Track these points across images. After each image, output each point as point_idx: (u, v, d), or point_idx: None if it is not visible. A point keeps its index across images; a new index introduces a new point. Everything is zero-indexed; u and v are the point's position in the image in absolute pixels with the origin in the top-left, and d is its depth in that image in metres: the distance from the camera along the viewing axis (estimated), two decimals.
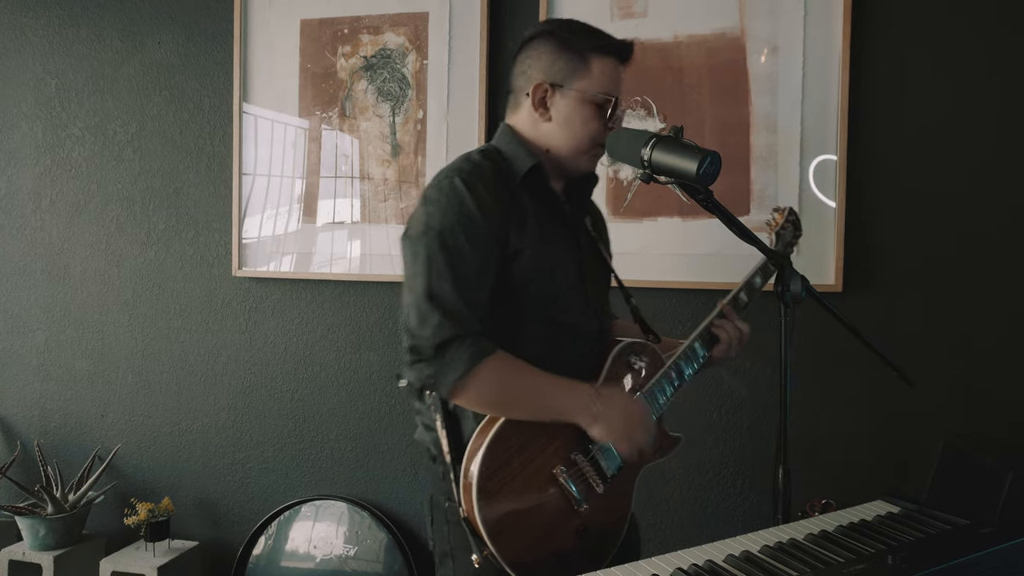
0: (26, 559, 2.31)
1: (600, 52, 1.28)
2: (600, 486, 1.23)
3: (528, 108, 1.31)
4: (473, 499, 1.15)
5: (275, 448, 2.42)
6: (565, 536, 1.21)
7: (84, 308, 2.59)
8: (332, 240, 2.33)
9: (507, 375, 1.19)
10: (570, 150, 1.30)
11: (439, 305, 1.15)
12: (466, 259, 1.17)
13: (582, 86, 1.27)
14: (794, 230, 1.64)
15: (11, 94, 2.65)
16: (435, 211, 1.20)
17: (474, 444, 1.20)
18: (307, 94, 2.34)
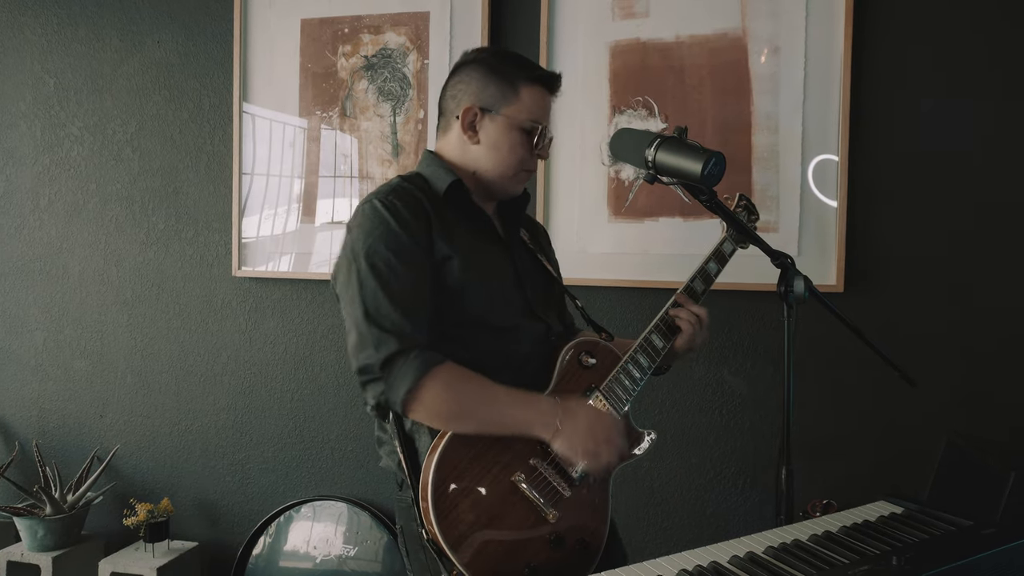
0: (24, 560, 2.30)
1: (529, 81, 1.31)
2: (567, 490, 1.20)
3: (457, 131, 1.33)
4: (432, 518, 1.11)
5: (275, 448, 2.42)
6: (536, 547, 1.17)
7: (83, 308, 2.59)
8: (332, 240, 2.32)
9: (458, 384, 1.17)
10: (497, 174, 1.33)
11: (379, 323, 1.15)
12: (397, 274, 1.18)
13: (510, 112, 1.30)
14: (748, 215, 1.64)
15: (9, 93, 2.64)
16: (359, 235, 1.22)
17: (427, 462, 1.16)
18: (307, 94, 2.33)
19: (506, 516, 1.15)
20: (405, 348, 1.14)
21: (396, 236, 1.20)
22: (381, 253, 1.19)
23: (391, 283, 1.17)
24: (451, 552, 1.10)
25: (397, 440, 1.22)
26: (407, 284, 1.18)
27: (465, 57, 1.36)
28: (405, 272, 1.19)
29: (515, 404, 1.19)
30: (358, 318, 1.17)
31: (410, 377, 1.13)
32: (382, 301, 1.16)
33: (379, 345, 1.14)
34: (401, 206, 1.23)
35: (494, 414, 1.18)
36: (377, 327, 1.15)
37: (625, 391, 1.32)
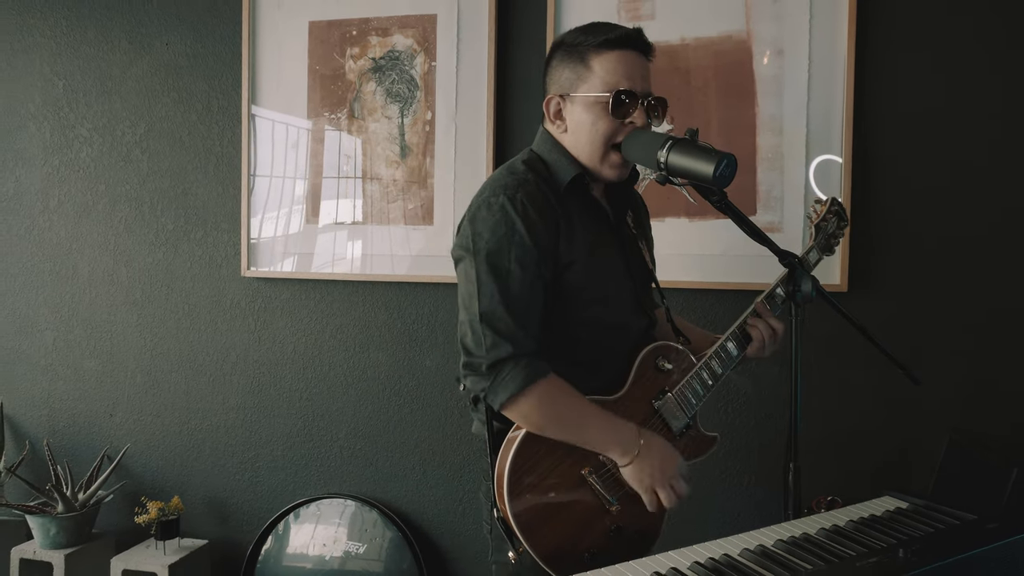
0: (37, 557, 2.32)
1: (600, 48, 1.27)
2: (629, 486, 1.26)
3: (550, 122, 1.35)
4: (504, 499, 1.19)
5: (284, 447, 2.44)
6: (597, 535, 1.23)
7: (92, 308, 2.61)
8: (340, 240, 2.34)
9: (557, 399, 1.22)
10: (587, 156, 1.31)
11: (493, 326, 1.19)
12: (516, 282, 1.21)
13: (585, 89, 1.28)
14: (838, 221, 1.59)
15: (19, 95, 2.66)
16: (484, 231, 1.23)
17: (506, 447, 1.24)
18: (315, 95, 2.35)
19: (572, 505, 1.22)
20: (515, 355, 1.18)
21: (521, 241, 1.21)
22: (504, 256, 1.21)
23: (510, 288, 1.20)
24: (520, 533, 1.17)
25: (486, 416, 1.27)
26: (525, 290, 1.21)
27: (552, 45, 1.37)
28: (525, 278, 1.21)
29: (601, 427, 1.23)
30: (473, 314, 1.21)
31: (514, 385, 1.18)
32: (498, 305, 1.19)
33: (491, 347, 1.18)
34: (531, 208, 1.23)
35: (580, 432, 1.23)
36: (492, 329, 1.19)
37: (696, 396, 1.36)
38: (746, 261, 2.08)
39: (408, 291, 2.33)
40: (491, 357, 1.18)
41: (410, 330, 2.34)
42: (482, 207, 1.26)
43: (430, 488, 2.34)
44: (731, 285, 2.08)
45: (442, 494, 2.33)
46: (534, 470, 1.21)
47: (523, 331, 1.20)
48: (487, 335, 1.19)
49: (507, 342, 1.18)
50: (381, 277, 2.32)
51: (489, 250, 1.22)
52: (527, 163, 1.33)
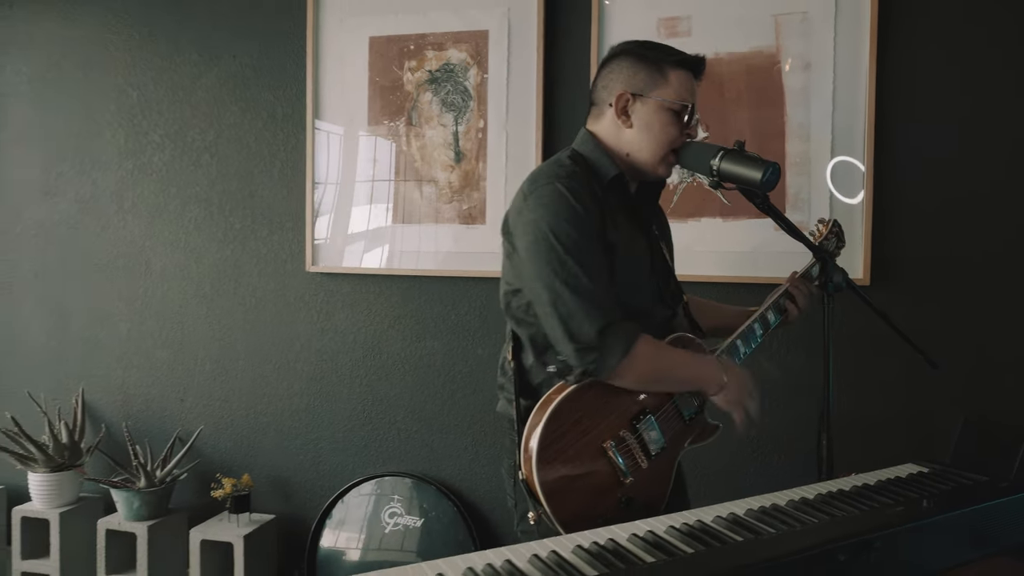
0: (122, 528, 2.53)
1: (676, 65, 1.45)
2: (644, 462, 1.39)
3: (611, 117, 1.47)
4: (532, 465, 1.30)
5: (345, 429, 2.64)
6: (610, 505, 1.35)
7: (164, 301, 2.82)
8: (398, 238, 2.54)
9: (655, 352, 1.37)
10: (649, 153, 1.46)
11: (586, 298, 1.30)
12: (588, 255, 1.34)
13: (660, 94, 1.43)
14: (837, 241, 1.79)
15: (95, 104, 2.87)
16: (545, 214, 1.35)
17: (534, 418, 1.35)
18: (375, 105, 2.55)
19: (591, 475, 1.33)
20: (612, 321, 1.31)
21: (581, 219, 1.34)
22: (572, 234, 1.32)
23: (586, 261, 1.32)
24: (543, 498, 1.29)
25: (514, 392, 1.43)
26: (598, 262, 1.34)
27: (613, 51, 1.50)
28: (593, 252, 1.34)
29: (693, 367, 1.42)
30: (562, 294, 1.31)
31: (621, 349, 1.30)
32: (583, 279, 1.31)
33: (590, 319, 1.29)
34: (582, 192, 1.36)
35: (681, 377, 1.40)
36: (586, 301, 1.30)
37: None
38: (775, 257, 2.27)
39: (461, 285, 2.52)
40: (594, 328, 1.29)
41: (463, 321, 2.53)
42: (535, 196, 1.39)
43: (481, 466, 2.53)
44: (761, 279, 2.26)
45: (492, 472, 2.52)
46: (560, 441, 1.32)
47: (609, 300, 1.33)
48: (583, 306, 1.30)
49: (601, 313, 1.31)
50: (436, 272, 2.51)
51: (556, 232, 1.33)
52: (572, 158, 1.47)
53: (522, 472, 1.33)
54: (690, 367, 1.42)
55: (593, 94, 1.53)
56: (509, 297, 1.50)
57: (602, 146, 1.49)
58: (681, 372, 1.41)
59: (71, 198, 2.91)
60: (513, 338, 1.50)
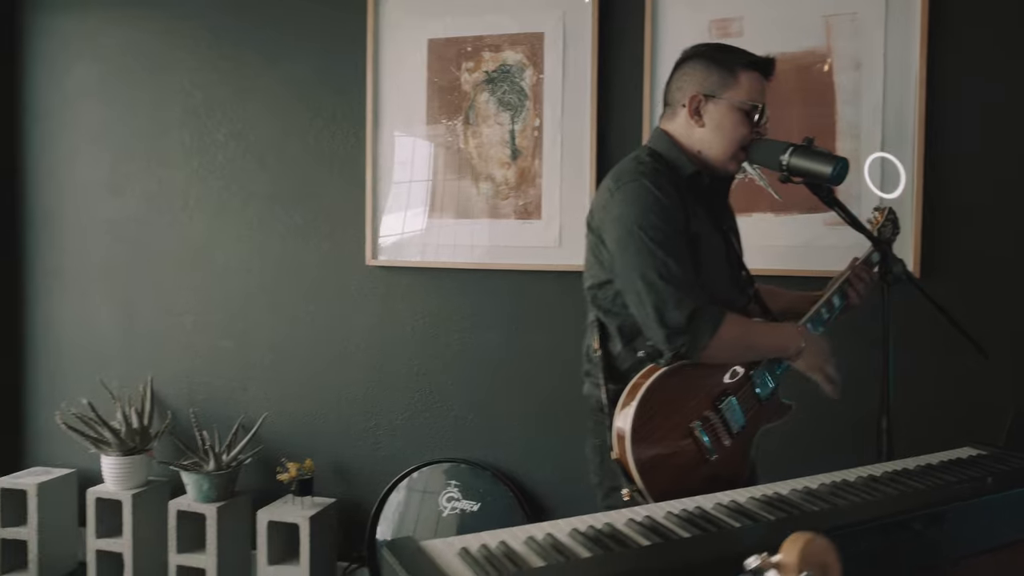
0: (192, 510, 2.65)
1: (746, 66, 1.53)
2: (727, 440, 1.48)
3: (684, 117, 1.56)
4: (626, 445, 1.39)
5: (403, 416, 2.75)
6: (696, 481, 1.43)
7: (228, 294, 2.94)
8: (456, 233, 2.64)
9: (740, 330, 1.48)
10: (720, 151, 1.55)
11: (675, 285, 1.41)
12: (674, 246, 1.44)
13: (731, 95, 1.52)
14: (893, 228, 1.85)
15: (162, 105, 3.00)
16: (634, 210, 1.45)
17: (624, 401, 1.44)
18: (434, 105, 2.65)
19: (679, 453, 1.43)
20: (700, 304, 1.41)
21: (666, 212, 1.44)
22: (660, 227, 1.43)
23: (672, 253, 1.42)
24: (636, 474, 1.38)
25: (602, 378, 1.53)
26: (684, 252, 1.45)
27: (685, 53, 1.60)
28: (680, 242, 1.45)
29: (774, 336, 1.54)
30: (652, 281, 1.41)
31: (710, 329, 1.40)
32: (672, 266, 1.41)
33: (679, 304, 1.40)
34: (664, 187, 1.47)
35: (764, 346, 1.52)
36: (675, 288, 1.41)
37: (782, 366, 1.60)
38: (824, 251, 2.34)
39: (516, 278, 2.61)
40: (684, 312, 1.40)
41: (518, 313, 2.62)
42: (620, 192, 1.49)
43: (536, 453, 2.62)
44: (812, 272, 2.32)
45: (546, 458, 2.61)
46: (651, 422, 1.41)
47: (695, 287, 1.43)
48: (672, 293, 1.40)
49: (691, 296, 1.41)
50: (492, 265, 2.61)
51: (644, 225, 1.43)
52: (651, 156, 1.56)
53: (614, 452, 1.42)
54: (771, 336, 1.54)
55: (667, 95, 1.62)
56: (595, 290, 1.60)
57: (677, 144, 1.58)
58: (764, 342, 1.52)
59: (138, 195, 3.04)
60: (599, 327, 1.59)
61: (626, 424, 1.40)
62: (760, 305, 1.72)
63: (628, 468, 1.39)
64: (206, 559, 2.64)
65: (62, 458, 3.11)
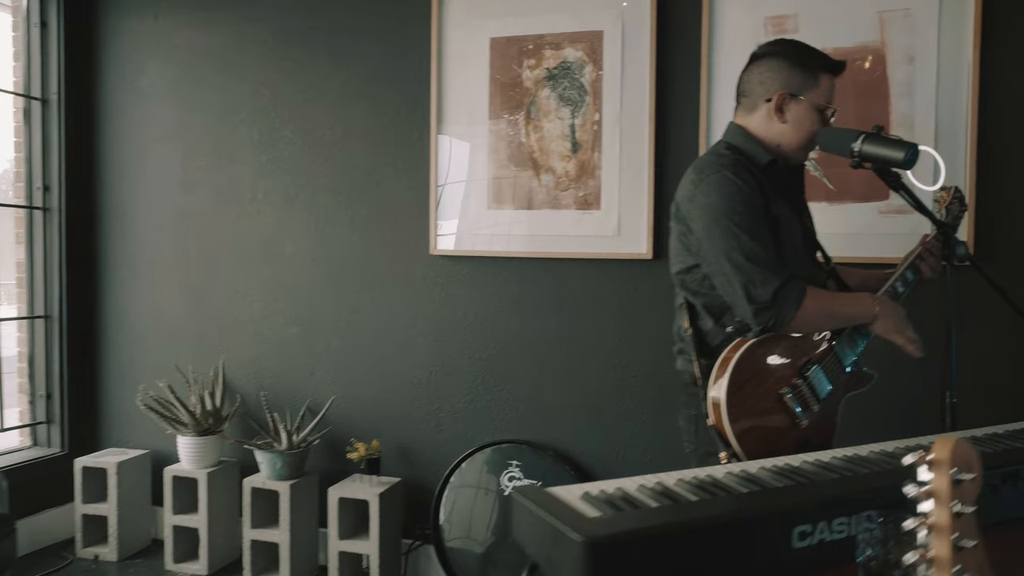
0: (265, 487, 2.79)
1: (825, 70, 1.67)
2: (815, 406, 1.58)
3: (765, 111, 1.68)
4: (722, 412, 1.50)
5: (464, 400, 2.86)
6: (788, 444, 1.54)
7: (295, 282, 3.07)
8: (517, 223, 2.75)
9: (822, 302, 1.59)
10: (796, 145, 1.68)
11: (761, 265, 1.53)
12: (758, 229, 1.56)
13: (812, 96, 1.66)
14: (960, 205, 1.93)
15: (231, 103, 3.14)
16: (719, 200, 1.58)
17: (716, 373, 1.55)
18: (496, 101, 2.77)
19: (771, 417, 1.53)
20: (784, 281, 1.53)
21: (749, 199, 1.57)
22: (744, 212, 1.56)
23: (757, 235, 1.56)
24: (731, 437, 1.49)
25: (694, 354, 1.64)
26: (766, 234, 1.58)
27: (764, 50, 1.72)
28: (762, 226, 1.58)
29: (853, 304, 1.64)
30: (739, 263, 1.54)
31: (794, 304, 1.53)
32: (756, 248, 1.54)
33: (765, 282, 1.53)
34: (745, 176, 1.60)
35: (843, 315, 1.63)
36: (761, 267, 1.53)
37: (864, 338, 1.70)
38: (878, 239, 2.42)
39: (576, 266, 2.72)
40: (769, 289, 1.52)
41: (577, 300, 2.73)
42: (704, 183, 1.62)
43: (594, 434, 2.72)
44: (866, 259, 2.39)
45: (603, 440, 2.71)
46: (743, 390, 1.52)
47: (779, 265, 1.55)
48: (758, 272, 1.53)
49: (775, 274, 1.53)
50: (553, 254, 2.72)
51: (728, 211, 1.56)
52: (729, 149, 1.69)
53: (711, 419, 1.53)
54: (850, 305, 1.64)
55: (745, 87, 1.74)
56: (683, 275, 1.72)
57: (753, 137, 1.70)
58: (844, 311, 1.63)
59: (208, 189, 3.19)
60: (688, 308, 1.72)
61: (720, 393, 1.51)
62: (837, 280, 1.83)
63: (724, 433, 1.50)
64: (279, 534, 2.77)
65: (135, 440, 3.27)
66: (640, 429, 2.68)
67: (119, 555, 3.02)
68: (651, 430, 2.67)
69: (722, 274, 1.59)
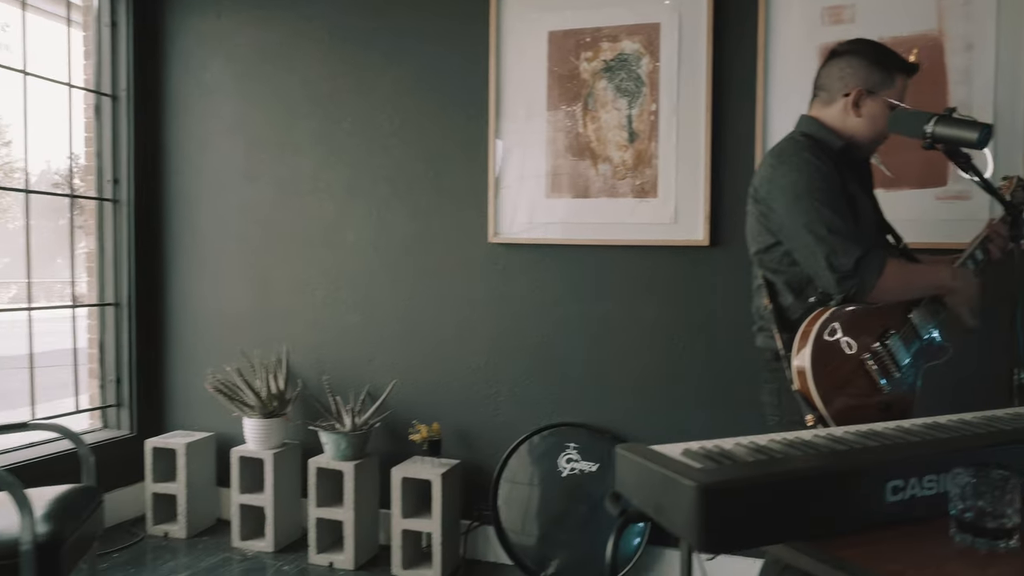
0: (330, 467, 2.89)
1: (901, 71, 1.77)
2: (896, 372, 1.65)
3: (842, 105, 1.79)
4: (808, 377, 1.58)
5: (522, 384, 2.94)
6: (871, 409, 1.62)
7: (356, 271, 3.17)
8: (575, 211, 2.82)
9: (901, 271, 1.67)
10: (869, 139, 1.79)
11: (843, 236, 1.62)
12: (838, 204, 1.66)
13: (887, 94, 1.76)
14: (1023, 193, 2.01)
15: (291, 97, 3.25)
16: (799, 178, 1.68)
17: (799, 342, 1.62)
18: (554, 92, 2.84)
19: (854, 382, 1.61)
20: (864, 251, 1.62)
21: (827, 177, 1.67)
22: (823, 189, 1.65)
23: (837, 209, 1.65)
24: (818, 400, 1.57)
25: (776, 329, 1.71)
26: (845, 209, 1.67)
27: (844, 48, 1.81)
28: (840, 201, 1.67)
29: (931, 274, 1.72)
30: (822, 235, 1.63)
31: (876, 272, 1.61)
32: (838, 221, 1.63)
33: (847, 252, 1.61)
34: (822, 157, 1.70)
35: (922, 284, 1.71)
36: (842, 238, 1.62)
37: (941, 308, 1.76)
38: (934, 225, 2.46)
39: (632, 253, 2.79)
40: (851, 258, 1.60)
41: (632, 286, 2.79)
42: (784, 165, 1.72)
43: (650, 418, 2.78)
44: (923, 244, 2.43)
45: (659, 423, 2.77)
46: (826, 356, 1.60)
47: (859, 236, 1.64)
48: (840, 243, 1.62)
49: (856, 244, 1.62)
50: (610, 241, 2.78)
51: (809, 188, 1.66)
52: (804, 136, 1.80)
53: (796, 384, 1.60)
54: (928, 275, 1.72)
55: (823, 82, 1.84)
56: (762, 254, 1.81)
57: (826, 127, 1.80)
58: (922, 280, 1.71)
59: (270, 181, 3.30)
60: (768, 286, 1.80)
61: (804, 361, 1.58)
62: (908, 259, 1.89)
63: (811, 397, 1.57)
64: (344, 512, 2.87)
65: (199, 423, 3.40)
66: (696, 414, 2.74)
67: (188, 532, 3.14)
68: (707, 415, 2.73)
69: (804, 247, 1.67)
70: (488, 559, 2.97)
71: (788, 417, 1.70)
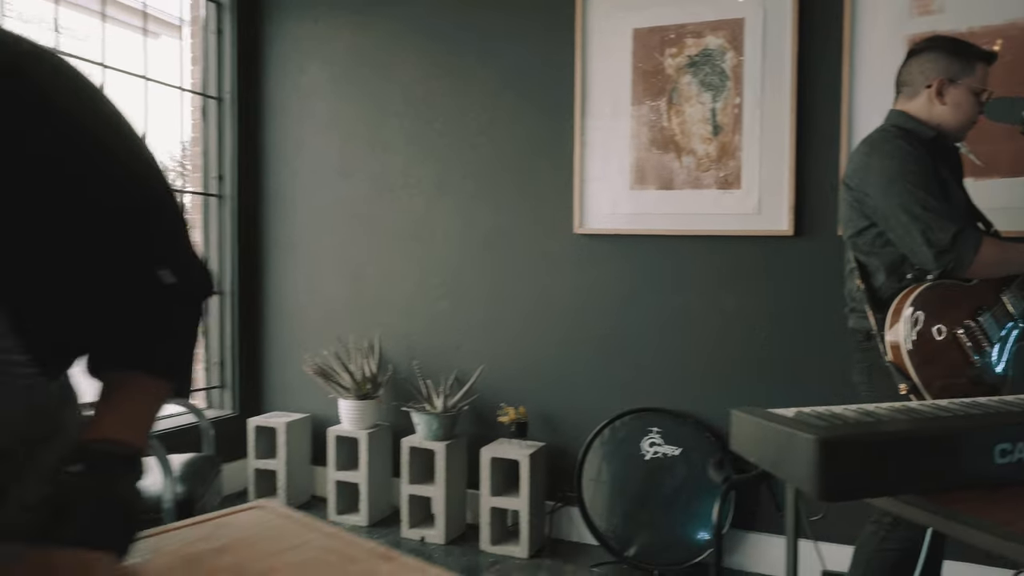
0: (422, 446, 3.05)
1: (980, 59, 1.85)
2: (988, 347, 1.71)
3: (926, 96, 1.87)
4: (901, 349, 1.66)
5: (605, 370, 3.04)
6: (964, 382, 1.69)
7: (444, 261, 3.33)
8: (659, 202, 2.91)
9: (998, 247, 1.74)
10: (956, 126, 1.87)
11: (937, 213, 1.70)
12: (932, 185, 1.74)
13: (969, 82, 1.84)
14: None
15: (384, 98, 3.43)
16: (893, 163, 1.77)
17: (891, 319, 1.72)
18: (638, 87, 2.94)
19: (947, 356, 1.69)
20: (960, 228, 1.70)
21: (920, 161, 1.76)
22: (917, 171, 1.75)
23: (931, 189, 1.75)
24: (911, 369, 1.65)
25: (869, 308, 1.79)
26: (939, 190, 1.76)
27: (921, 45, 1.92)
28: (934, 183, 1.76)
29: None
30: (917, 214, 1.72)
31: (972, 249, 1.70)
32: (931, 200, 1.72)
33: (943, 228, 1.70)
34: (915, 143, 1.79)
35: (1019, 261, 1.77)
36: (938, 216, 1.71)
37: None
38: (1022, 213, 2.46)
39: (716, 243, 2.86)
40: (947, 235, 1.68)
41: (716, 275, 2.87)
42: (878, 152, 1.82)
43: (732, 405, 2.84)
44: (1013, 232, 2.44)
45: None
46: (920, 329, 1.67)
47: (954, 213, 1.72)
48: (935, 220, 1.70)
49: (951, 222, 1.70)
50: (693, 232, 2.86)
51: (903, 171, 1.75)
52: (894, 127, 1.88)
53: (889, 355, 1.68)
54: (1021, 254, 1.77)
55: (905, 78, 1.93)
56: (855, 237, 1.90)
57: (914, 119, 1.88)
58: (1019, 256, 1.77)
59: (364, 177, 3.49)
60: (860, 268, 1.88)
61: (898, 335, 1.66)
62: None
63: (904, 367, 1.64)
64: (435, 489, 3.02)
65: (295, 404, 3.61)
66: (777, 401, 2.79)
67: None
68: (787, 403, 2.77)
69: (900, 226, 1.75)
70: (572, 539, 3.08)
71: (880, 394, 1.76)
